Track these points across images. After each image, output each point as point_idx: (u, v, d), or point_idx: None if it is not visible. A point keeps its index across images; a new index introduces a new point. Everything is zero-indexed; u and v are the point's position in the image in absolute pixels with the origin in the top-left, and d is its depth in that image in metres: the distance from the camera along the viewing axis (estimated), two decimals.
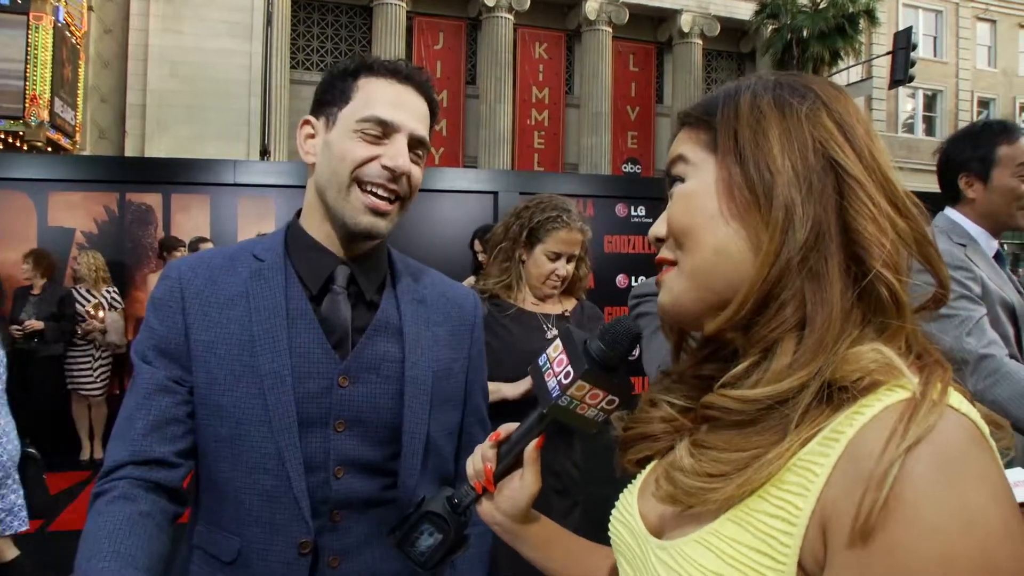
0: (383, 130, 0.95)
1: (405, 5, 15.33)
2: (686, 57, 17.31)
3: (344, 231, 0.98)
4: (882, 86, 16.48)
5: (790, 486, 0.47)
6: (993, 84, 21.29)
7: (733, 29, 17.91)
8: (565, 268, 1.99)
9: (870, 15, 16.62)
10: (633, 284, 6.04)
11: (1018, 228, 1.80)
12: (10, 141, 9.71)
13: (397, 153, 0.95)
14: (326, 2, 15.62)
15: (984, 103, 21.27)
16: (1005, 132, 1.74)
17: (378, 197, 0.95)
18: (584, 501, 2.01)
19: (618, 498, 0.68)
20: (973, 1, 20.91)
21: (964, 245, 1.72)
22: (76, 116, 11.38)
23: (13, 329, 4.80)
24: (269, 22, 13.38)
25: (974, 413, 0.46)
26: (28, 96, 9.65)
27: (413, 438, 0.98)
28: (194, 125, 12.84)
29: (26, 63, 9.63)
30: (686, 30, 17.11)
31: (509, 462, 0.74)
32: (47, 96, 9.86)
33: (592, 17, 16.35)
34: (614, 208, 6.13)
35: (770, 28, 17.06)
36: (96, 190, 5.46)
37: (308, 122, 1.02)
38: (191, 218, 5.58)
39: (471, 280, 3.28)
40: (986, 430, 0.46)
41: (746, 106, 0.57)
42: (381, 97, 0.96)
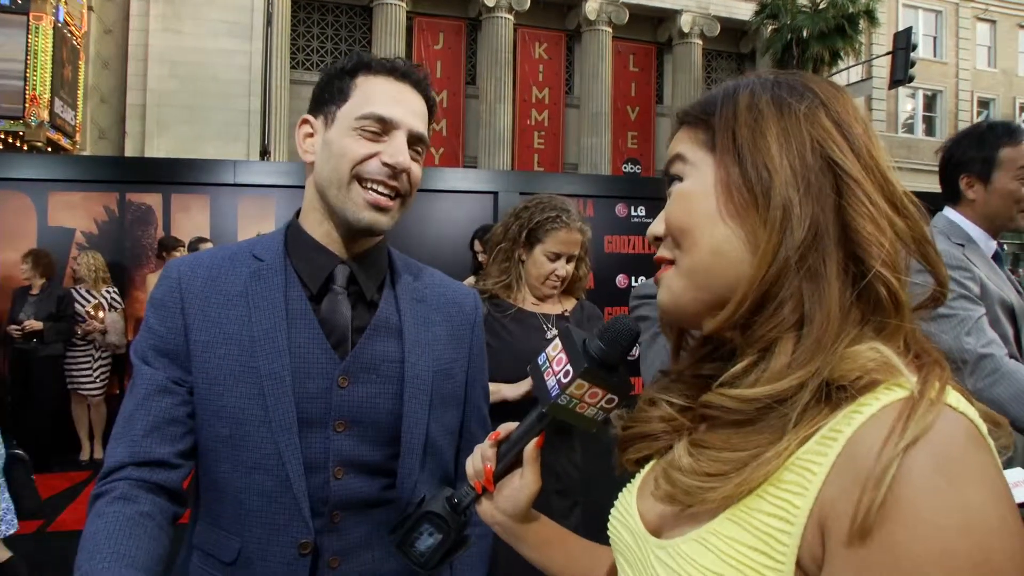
0: (382, 127, 0.95)
1: (405, 5, 15.32)
2: (686, 57, 17.30)
3: (346, 228, 0.98)
4: (882, 86, 16.48)
5: (788, 485, 0.47)
6: (993, 84, 21.28)
7: (733, 29, 17.90)
8: (565, 268, 1.99)
9: (870, 15, 16.60)
10: (633, 284, 6.04)
11: (1018, 230, 1.80)
12: (10, 141, 9.69)
13: (397, 150, 0.95)
14: (326, 2, 15.61)
15: (984, 103, 21.25)
16: (1008, 134, 1.73)
17: (379, 193, 0.95)
18: (584, 501, 2.01)
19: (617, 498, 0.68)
20: (973, 1, 20.90)
21: (963, 245, 1.72)
22: (76, 116, 11.37)
23: (12, 329, 4.80)
24: (269, 22, 13.38)
25: (972, 412, 0.46)
26: (28, 96, 9.64)
27: (412, 438, 0.97)
28: (194, 125, 12.83)
29: (26, 63, 9.62)
30: (686, 30, 17.10)
31: (509, 461, 0.73)
32: (47, 96, 9.85)
33: (592, 17, 16.34)
34: (614, 208, 6.13)
35: (770, 28, 17.05)
36: (96, 190, 5.45)
37: (306, 121, 1.02)
38: (191, 218, 5.58)
39: (471, 280, 3.28)
40: (984, 428, 0.46)
41: (744, 105, 0.57)
42: (379, 94, 0.96)
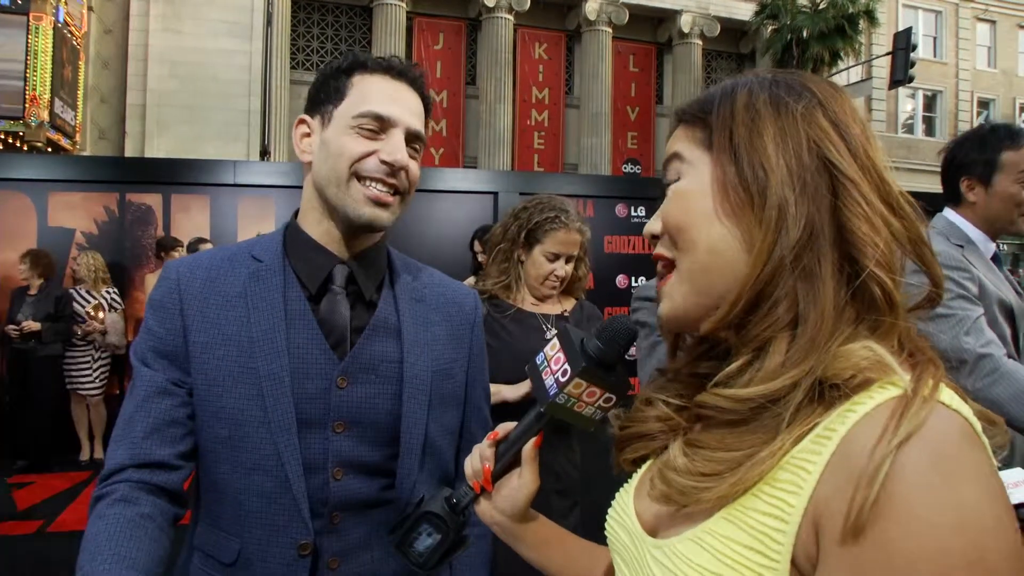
0: (380, 125, 0.95)
1: (405, 5, 15.32)
2: (686, 57, 17.30)
3: (346, 225, 0.98)
4: (882, 86, 16.47)
5: (783, 484, 0.48)
6: (993, 85, 21.27)
7: (733, 30, 17.90)
8: (564, 268, 1.99)
9: (870, 16, 16.59)
10: (633, 285, 6.04)
11: (1018, 233, 1.79)
12: (10, 141, 9.69)
13: (395, 148, 0.95)
14: (326, 2, 15.61)
15: (984, 104, 21.24)
16: (1010, 137, 1.72)
17: (378, 190, 0.95)
18: (583, 501, 2.01)
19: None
20: (973, 2, 20.89)
21: (962, 246, 1.72)
22: (76, 116, 11.37)
23: (10, 329, 4.80)
24: (269, 22, 13.38)
25: (966, 409, 0.46)
26: (28, 96, 9.65)
27: (411, 438, 0.97)
28: (194, 125, 12.83)
29: (26, 63, 9.62)
30: (686, 30, 17.10)
31: (507, 461, 0.73)
32: (47, 96, 9.85)
33: (592, 17, 16.34)
34: (614, 208, 6.13)
35: (770, 29, 17.04)
36: (96, 190, 5.45)
37: (303, 121, 1.02)
38: (191, 218, 5.58)
39: (471, 280, 3.28)
40: (978, 426, 0.46)
41: (742, 104, 0.57)
42: (376, 93, 0.96)
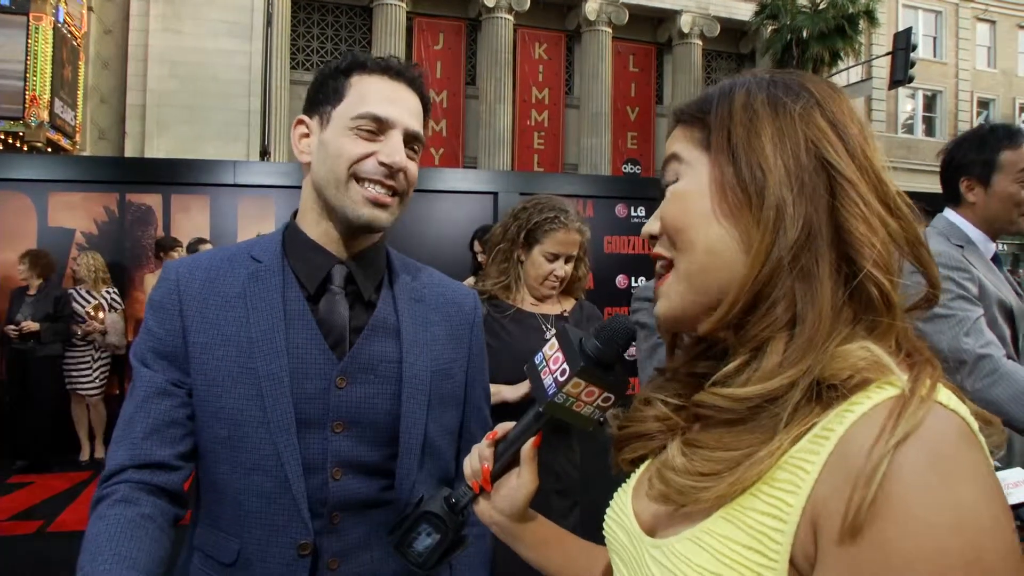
0: (378, 126, 0.95)
1: (405, 5, 15.32)
2: (686, 58, 17.29)
3: (345, 226, 0.98)
4: (882, 87, 16.47)
5: (781, 484, 0.48)
6: (993, 85, 21.27)
7: (733, 30, 17.90)
8: (563, 269, 1.99)
9: (870, 16, 16.59)
10: (633, 285, 6.03)
11: (1019, 233, 1.79)
12: (10, 142, 9.70)
13: (393, 150, 0.95)
14: (326, 2, 15.61)
15: (984, 104, 21.24)
16: (1009, 137, 1.72)
17: (377, 191, 0.95)
18: (583, 501, 2.01)
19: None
20: (973, 2, 20.89)
21: (962, 247, 1.72)
22: (76, 116, 11.38)
23: (9, 329, 4.81)
24: (269, 22, 13.38)
25: (963, 409, 0.46)
26: (28, 96, 9.65)
27: (410, 438, 0.97)
28: (194, 125, 12.83)
29: (26, 64, 9.63)
30: (686, 31, 17.10)
31: (506, 461, 0.74)
32: (47, 97, 9.86)
33: (592, 18, 16.34)
34: (614, 209, 6.13)
35: (770, 29, 17.03)
36: (96, 191, 5.46)
37: (302, 122, 1.02)
38: (191, 219, 5.58)
39: (471, 281, 3.28)
40: (976, 426, 0.46)
41: (740, 104, 0.57)
42: (375, 94, 0.96)
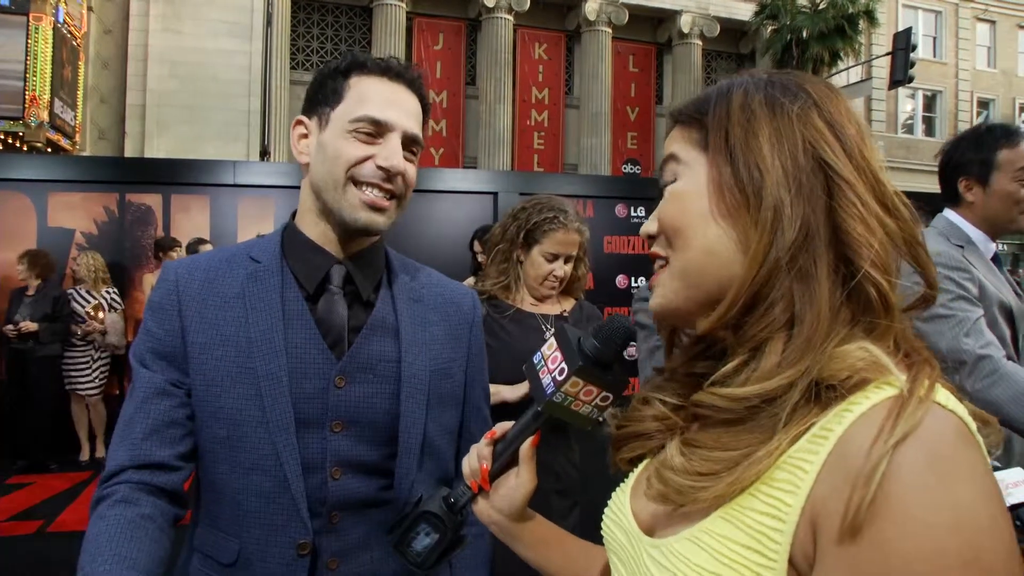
0: (377, 129, 0.95)
1: (405, 6, 15.32)
2: (686, 58, 17.30)
3: (342, 228, 0.98)
4: (882, 87, 16.46)
5: (780, 483, 0.48)
6: (993, 85, 21.27)
7: (733, 30, 17.90)
8: (563, 269, 1.99)
9: (869, 16, 16.58)
10: (633, 285, 6.03)
11: (1019, 231, 1.79)
12: (10, 142, 9.70)
13: (391, 153, 0.95)
14: (326, 2, 15.61)
15: (984, 104, 21.24)
16: (1006, 136, 1.73)
17: (375, 195, 0.95)
18: (583, 501, 2.01)
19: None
20: (972, 2, 20.89)
21: (962, 247, 1.72)
22: (76, 117, 11.38)
23: (7, 330, 4.81)
24: (269, 22, 13.38)
25: (961, 409, 0.47)
26: (28, 97, 9.65)
27: (410, 438, 0.97)
28: (194, 125, 12.82)
29: (26, 64, 9.63)
30: (686, 31, 17.10)
31: (505, 460, 0.74)
32: (47, 97, 9.86)
33: (592, 18, 16.34)
34: (614, 209, 6.13)
35: (770, 29, 17.03)
36: (96, 191, 5.46)
37: (301, 122, 1.02)
38: (191, 219, 5.58)
39: (471, 281, 3.28)
40: (973, 426, 0.46)
41: (737, 105, 0.57)
42: (374, 96, 0.96)
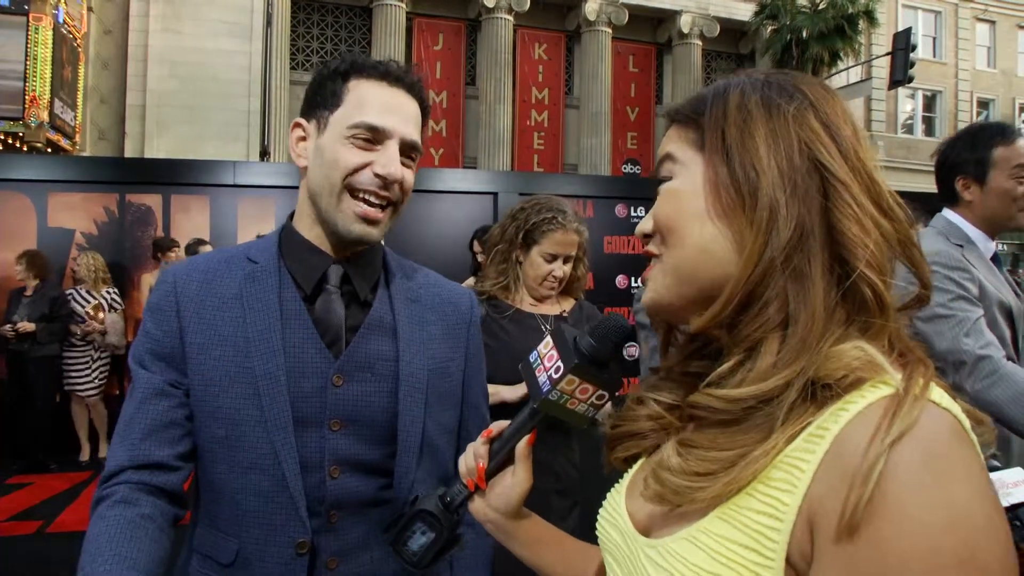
0: (375, 136, 0.95)
1: (405, 6, 15.32)
2: (686, 58, 17.30)
3: (336, 237, 0.98)
4: (881, 87, 16.45)
5: (777, 483, 0.48)
6: (992, 85, 21.27)
7: (733, 30, 17.90)
8: (562, 269, 1.99)
9: (869, 16, 16.59)
10: (633, 285, 6.02)
11: (1019, 229, 1.80)
12: (10, 142, 9.71)
13: (389, 160, 0.95)
14: (326, 3, 15.61)
15: (984, 104, 21.24)
16: (1002, 134, 1.73)
17: (370, 204, 0.95)
18: (583, 501, 2.01)
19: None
20: (972, 2, 20.89)
21: (961, 246, 1.73)
22: (76, 117, 11.38)
23: (5, 330, 4.82)
24: (269, 22, 13.38)
25: (956, 408, 0.47)
26: (28, 97, 9.65)
27: (409, 436, 0.98)
28: (194, 126, 12.83)
29: (26, 64, 9.63)
30: (686, 31, 17.11)
31: (501, 459, 0.74)
32: (47, 97, 9.86)
33: (592, 18, 16.34)
34: (614, 209, 6.12)
35: (769, 29, 17.03)
36: (96, 191, 5.46)
37: (299, 125, 1.02)
38: (191, 219, 5.58)
39: (471, 281, 3.28)
40: (968, 424, 0.46)
41: (734, 105, 0.57)
42: (372, 101, 0.96)
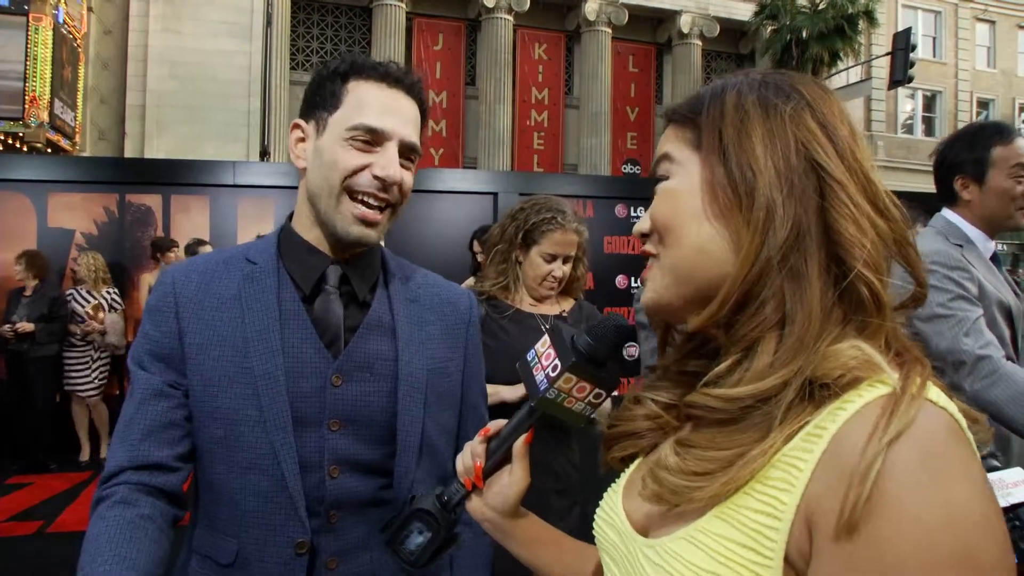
0: (374, 138, 0.95)
1: (405, 6, 15.32)
2: (685, 58, 17.30)
3: (335, 238, 0.98)
4: (881, 87, 16.45)
5: (775, 482, 0.48)
6: (992, 85, 21.28)
7: (732, 30, 17.91)
8: (561, 269, 1.99)
9: (869, 16, 16.58)
10: (633, 285, 6.02)
11: (1018, 228, 1.80)
12: (10, 142, 9.71)
13: (388, 162, 0.95)
14: (326, 3, 15.61)
15: (983, 104, 21.25)
16: (1000, 134, 1.73)
17: (368, 207, 0.95)
18: (583, 501, 2.01)
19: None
20: (972, 2, 20.89)
21: (961, 246, 1.73)
22: (76, 117, 11.38)
23: (4, 330, 4.82)
24: (269, 23, 13.38)
25: (952, 407, 0.47)
26: (28, 97, 9.66)
27: (408, 436, 0.98)
28: (193, 126, 12.83)
29: (26, 64, 9.64)
30: (685, 31, 17.11)
31: (499, 458, 0.74)
32: (47, 97, 9.86)
33: (591, 18, 16.34)
34: (614, 209, 6.13)
35: (769, 29, 17.03)
36: (96, 191, 5.46)
37: (298, 126, 1.02)
38: (191, 219, 5.59)
39: (471, 281, 3.28)
40: (964, 423, 0.47)
41: (731, 105, 0.57)
42: (371, 103, 0.95)
